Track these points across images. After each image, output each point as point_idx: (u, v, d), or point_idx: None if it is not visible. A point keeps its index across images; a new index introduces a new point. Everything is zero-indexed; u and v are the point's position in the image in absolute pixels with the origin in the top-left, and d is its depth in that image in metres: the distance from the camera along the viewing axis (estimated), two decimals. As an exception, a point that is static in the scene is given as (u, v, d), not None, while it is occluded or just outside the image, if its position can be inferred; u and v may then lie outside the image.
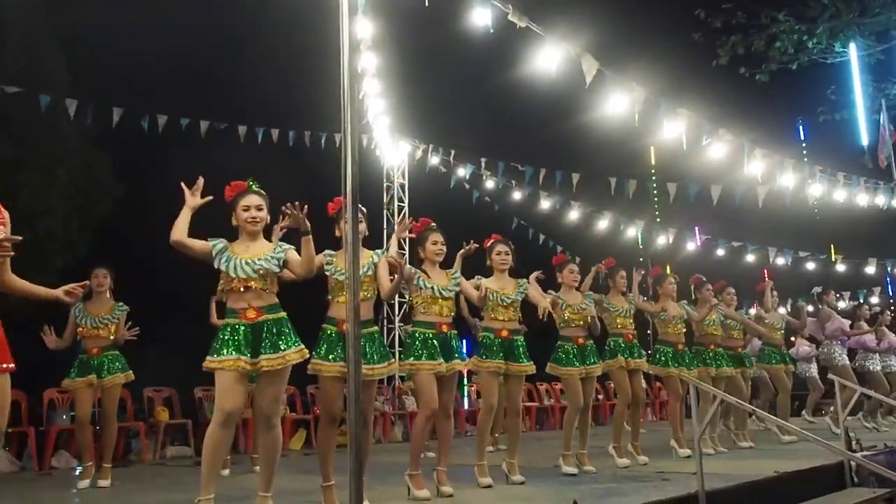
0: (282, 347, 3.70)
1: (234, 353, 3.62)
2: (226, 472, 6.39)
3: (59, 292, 3.56)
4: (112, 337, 5.91)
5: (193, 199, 3.81)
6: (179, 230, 3.76)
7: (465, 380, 11.56)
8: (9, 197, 3.64)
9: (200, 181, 3.84)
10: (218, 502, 4.48)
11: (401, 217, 12.38)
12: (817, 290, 9.68)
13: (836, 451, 5.28)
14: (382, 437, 10.32)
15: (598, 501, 4.12)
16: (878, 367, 9.51)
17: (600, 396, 13.48)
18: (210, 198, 3.87)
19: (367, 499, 3.44)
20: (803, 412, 10.08)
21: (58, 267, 12.10)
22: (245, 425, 7.88)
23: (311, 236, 3.77)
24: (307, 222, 3.74)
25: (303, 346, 3.81)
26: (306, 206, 3.79)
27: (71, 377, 5.81)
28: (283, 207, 3.90)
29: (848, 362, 9.11)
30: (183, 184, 3.85)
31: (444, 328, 4.71)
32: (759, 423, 9.03)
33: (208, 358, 3.66)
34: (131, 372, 6.06)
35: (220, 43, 15.04)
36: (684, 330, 6.96)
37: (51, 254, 12.24)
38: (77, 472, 6.31)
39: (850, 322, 9.44)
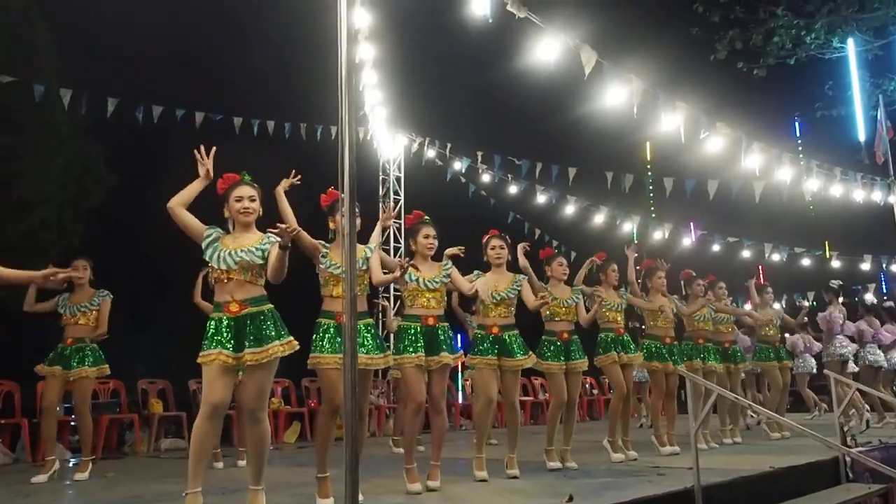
0: (266, 341, 3.65)
1: (217, 347, 3.61)
2: (219, 464, 6.38)
3: (38, 275, 3.57)
4: (92, 325, 5.88)
5: (205, 167, 3.83)
6: (181, 199, 3.78)
7: (460, 374, 11.55)
8: (3, 187, 3.62)
9: (213, 149, 3.87)
10: (212, 494, 4.48)
11: (396, 210, 12.35)
12: (837, 283, 9.55)
13: (832, 446, 5.28)
14: (377, 430, 10.31)
15: (594, 496, 4.10)
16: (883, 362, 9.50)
17: (595, 391, 13.51)
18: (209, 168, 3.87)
19: (361, 491, 3.42)
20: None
21: (52, 257, 12.03)
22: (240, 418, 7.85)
23: (286, 252, 3.67)
24: (289, 240, 3.62)
25: (291, 338, 3.74)
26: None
27: (43, 364, 5.81)
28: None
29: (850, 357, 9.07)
30: (196, 151, 3.85)
31: (431, 321, 4.67)
32: (752, 416, 9.05)
33: (200, 353, 3.66)
34: (106, 367, 5.96)
35: (217, 33, 14.95)
36: (674, 324, 6.96)
37: (45, 244, 12.17)
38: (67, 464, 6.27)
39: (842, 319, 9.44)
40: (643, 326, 7.25)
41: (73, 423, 7.95)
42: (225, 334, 3.64)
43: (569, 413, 5.75)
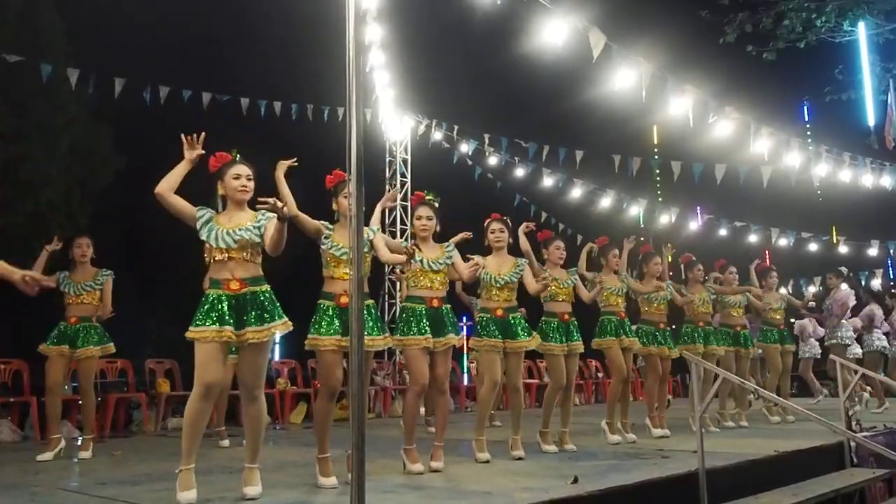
0: (267, 319, 3.70)
1: (216, 324, 3.60)
2: (225, 442, 6.42)
3: (17, 277, 3.48)
4: (96, 304, 5.89)
5: (193, 152, 3.81)
6: (169, 184, 3.74)
7: (465, 356, 11.59)
8: (10, 168, 3.59)
9: (203, 135, 3.84)
10: (216, 472, 4.53)
11: (403, 192, 12.33)
12: (843, 269, 9.51)
13: (837, 431, 5.29)
14: (383, 411, 10.36)
15: (600, 478, 4.12)
16: (885, 346, 9.49)
17: (601, 374, 13.54)
18: (202, 151, 3.84)
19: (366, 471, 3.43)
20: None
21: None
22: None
23: (285, 224, 3.65)
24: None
25: (286, 318, 3.79)
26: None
27: (46, 343, 5.78)
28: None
29: (853, 342, 9.08)
30: (184, 136, 3.82)
31: (436, 302, 4.68)
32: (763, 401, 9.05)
33: (191, 328, 3.62)
34: (112, 345, 5.99)
35: (224, 14, 14.89)
36: (667, 310, 6.96)
37: (52, 226, 12.22)
38: (70, 442, 6.32)
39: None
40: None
41: (80, 402, 8.01)
42: (227, 311, 3.65)
43: (566, 395, 5.76)
